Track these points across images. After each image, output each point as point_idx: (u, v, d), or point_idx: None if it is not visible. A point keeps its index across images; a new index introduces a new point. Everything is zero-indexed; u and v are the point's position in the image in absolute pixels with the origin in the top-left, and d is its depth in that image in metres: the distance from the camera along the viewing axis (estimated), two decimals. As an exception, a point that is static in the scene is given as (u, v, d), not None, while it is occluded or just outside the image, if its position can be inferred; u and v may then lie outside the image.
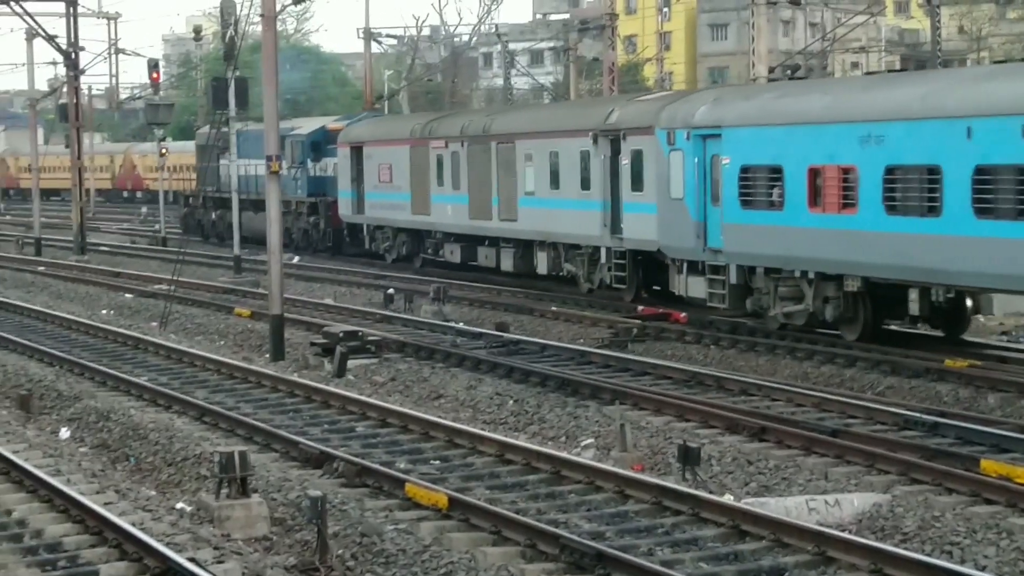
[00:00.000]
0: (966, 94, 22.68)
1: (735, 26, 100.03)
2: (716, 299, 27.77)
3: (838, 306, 25.25)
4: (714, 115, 27.46)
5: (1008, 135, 20.97)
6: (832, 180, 24.35)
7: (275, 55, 27.30)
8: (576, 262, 34.43)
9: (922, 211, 22.66)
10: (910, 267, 23.11)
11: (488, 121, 38.55)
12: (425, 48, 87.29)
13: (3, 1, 53.95)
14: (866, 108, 24.08)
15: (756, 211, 26.22)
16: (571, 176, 33.82)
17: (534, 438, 19.46)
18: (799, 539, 13.52)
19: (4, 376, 25.44)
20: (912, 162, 22.84)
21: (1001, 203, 21.26)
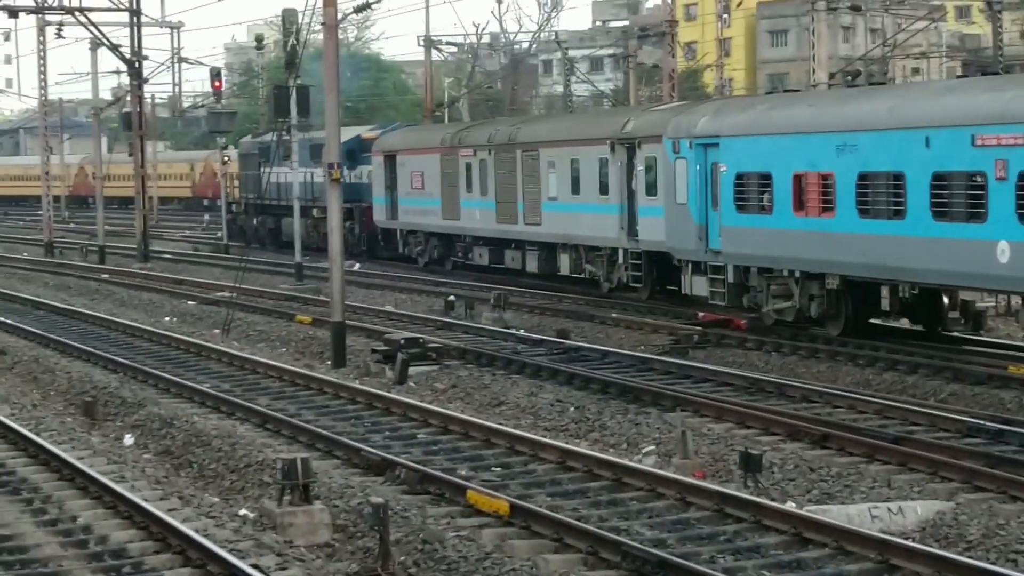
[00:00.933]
0: (926, 106, 24.56)
1: (795, 32, 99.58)
2: (717, 297, 29.49)
3: (822, 303, 26.90)
4: (713, 126, 29.22)
5: (960, 144, 22.77)
6: (813, 186, 26.22)
7: (336, 63, 27.43)
8: (596, 263, 36.25)
9: (889, 214, 24.46)
10: (880, 266, 24.91)
11: (514, 130, 40.28)
12: (485, 55, 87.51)
13: (69, 11, 54.44)
14: (842, 119, 26.01)
15: (749, 215, 28.01)
16: (591, 182, 35.72)
17: (595, 445, 19.45)
18: (862, 547, 13.45)
19: (69, 383, 25.67)
20: (880, 169, 24.68)
21: (955, 207, 23.12)
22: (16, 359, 28.83)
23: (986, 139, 22.41)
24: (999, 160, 22.13)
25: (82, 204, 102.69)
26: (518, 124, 42.15)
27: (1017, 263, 21.83)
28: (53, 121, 77.96)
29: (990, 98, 23.12)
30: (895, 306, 26.22)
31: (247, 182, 59.96)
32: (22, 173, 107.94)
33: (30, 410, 23.45)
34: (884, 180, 24.62)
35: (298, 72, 43.12)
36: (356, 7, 52.69)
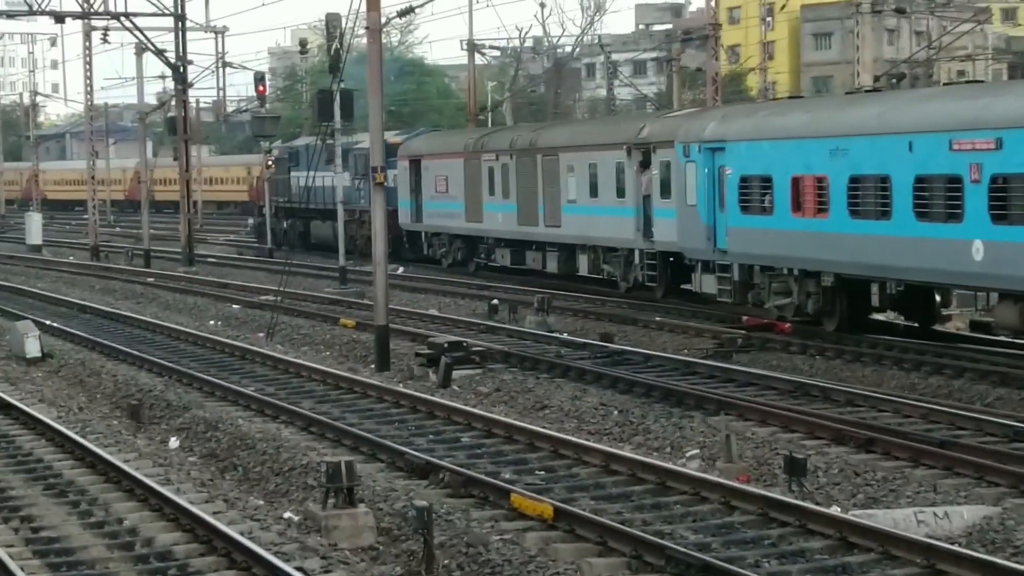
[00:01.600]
0: (909, 113, 25.91)
1: (839, 35, 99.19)
2: (724, 294, 30.69)
3: (818, 300, 28.12)
4: (720, 130, 30.48)
5: (940, 148, 24.09)
6: (809, 188, 27.50)
7: (380, 67, 27.48)
8: (613, 263, 37.51)
9: (877, 215, 25.72)
10: (869, 264, 26.21)
11: (534, 136, 41.74)
12: (528, 59, 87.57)
13: (114, 16, 54.78)
14: (835, 124, 27.39)
15: (752, 216, 29.25)
16: (608, 185, 37.10)
17: (639, 449, 19.43)
18: (908, 552, 13.39)
19: (115, 386, 25.82)
20: (869, 172, 25.99)
21: (935, 208, 24.40)
22: (63, 362, 29.02)
23: (962, 144, 23.62)
24: (973, 164, 23.36)
25: (137, 208, 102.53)
26: (538, 129, 43.51)
27: (990, 261, 23.13)
28: (99, 126, 78.32)
29: (966, 105, 24.54)
30: (885, 303, 27.40)
31: (277, 186, 61.46)
32: (78, 177, 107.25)
33: (77, 413, 23.61)
34: (872, 183, 25.88)
35: (341, 76, 43.23)
36: (400, 11, 52.94)
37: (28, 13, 54.20)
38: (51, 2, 53.25)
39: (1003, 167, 22.91)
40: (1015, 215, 22.68)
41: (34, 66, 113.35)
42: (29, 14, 54.49)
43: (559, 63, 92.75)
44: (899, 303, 27.70)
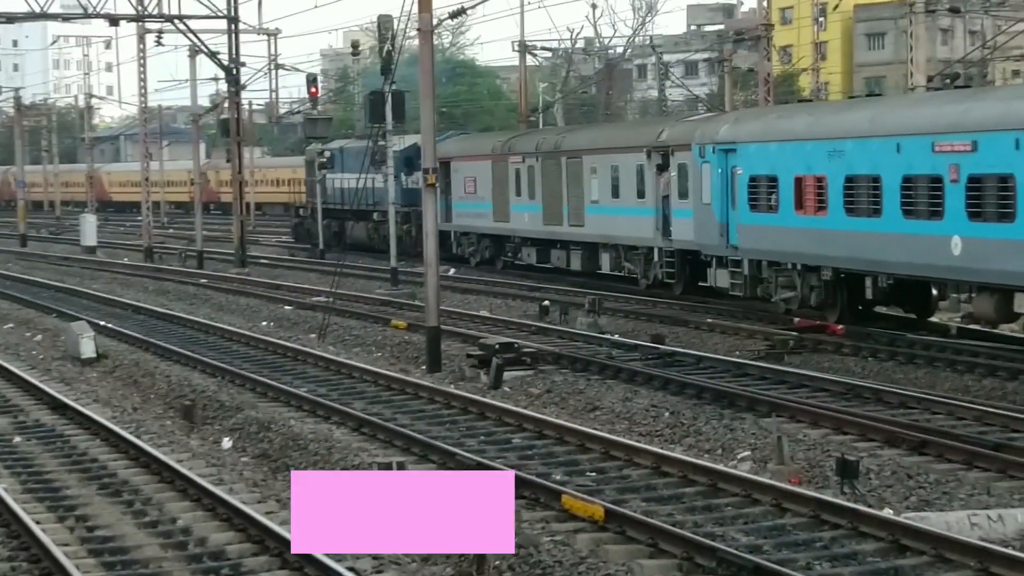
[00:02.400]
0: (898, 117, 27.87)
1: (892, 35, 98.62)
2: (736, 288, 32.46)
3: (820, 293, 29.83)
4: (732, 133, 32.37)
5: (923, 150, 25.91)
6: (810, 187, 29.32)
7: (431, 69, 27.53)
8: (634, 261, 39.23)
9: (869, 212, 27.47)
10: (862, 259, 28.01)
11: (559, 139, 43.61)
12: (579, 60, 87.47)
13: (168, 19, 55.11)
14: (833, 127, 29.25)
15: (760, 214, 31.10)
16: (629, 187, 38.83)
17: (690, 450, 19.40)
18: (961, 555, 13.31)
19: (168, 387, 25.98)
20: (862, 172, 27.78)
21: (919, 205, 26.15)
22: (117, 363, 29.23)
23: (943, 146, 25.49)
24: (952, 164, 25.20)
25: (205, 210, 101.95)
26: (563, 133, 45.74)
27: (967, 256, 24.92)
28: (153, 128, 78.75)
29: (947, 110, 26.41)
30: (878, 296, 28.82)
31: (312, 188, 63.18)
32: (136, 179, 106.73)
33: (131, 413, 23.79)
34: (865, 182, 27.68)
35: (393, 78, 43.34)
36: (451, 13, 52.91)
37: (83, 16, 54.59)
38: (106, 5, 53.67)
39: (978, 168, 24.62)
40: (988, 213, 24.41)
41: (89, 69, 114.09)
42: (84, 17, 54.89)
43: (610, 64, 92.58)
44: (895, 296, 28.99)
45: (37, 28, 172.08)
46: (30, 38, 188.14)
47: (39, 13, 52.88)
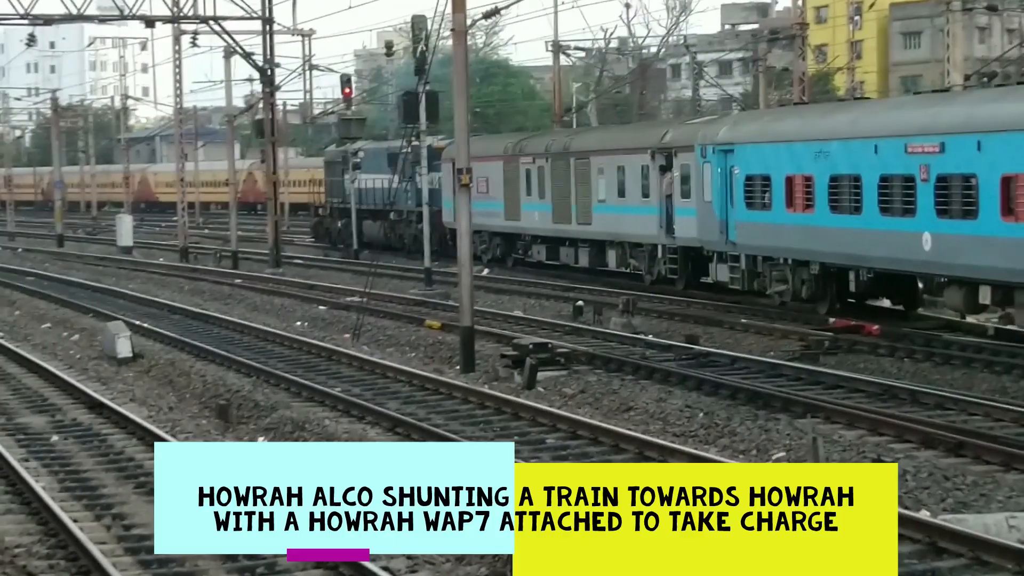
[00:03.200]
0: (876, 120, 29.75)
1: (928, 33, 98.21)
2: (735, 282, 34.32)
3: (810, 286, 31.55)
4: (730, 134, 34.29)
5: (898, 151, 27.64)
6: (799, 186, 31.05)
7: (465, 69, 27.55)
8: (639, 258, 40.72)
9: (851, 210, 29.13)
10: (845, 254, 29.79)
11: (568, 140, 45.04)
12: (613, 60, 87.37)
13: (203, 20, 55.31)
14: (819, 129, 31.11)
15: (755, 211, 32.90)
16: (634, 186, 40.25)
17: (724, 451, 19.36)
18: (999, 557, 13.25)
19: (204, 386, 26.06)
20: (845, 172, 29.49)
21: (894, 203, 27.89)
22: (153, 362, 29.34)
23: (914, 147, 27.20)
24: (923, 165, 26.89)
25: (250, 211, 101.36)
26: (572, 135, 47.25)
27: (936, 250, 26.61)
28: (188, 129, 79.09)
29: (919, 114, 28.43)
30: (861, 288, 30.60)
31: (331, 188, 65.67)
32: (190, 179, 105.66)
33: (166, 412, 23.88)
34: (847, 181, 29.39)
35: (427, 78, 43.37)
36: (485, 13, 52.93)
37: (119, 18, 54.88)
38: (142, 7, 53.92)
39: (945, 168, 26.36)
40: (954, 210, 26.16)
41: (125, 70, 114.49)
42: (120, 19, 55.18)
43: (644, 64, 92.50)
44: (879, 289, 30.92)
45: (74, 30, 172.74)
46: (67, 40, 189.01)
47: (76, 15, 53.16)
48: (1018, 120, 24.80)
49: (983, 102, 27.34)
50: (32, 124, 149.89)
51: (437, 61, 48.68)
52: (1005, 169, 24.86)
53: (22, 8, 52.11)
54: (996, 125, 25.31)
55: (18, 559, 14.71)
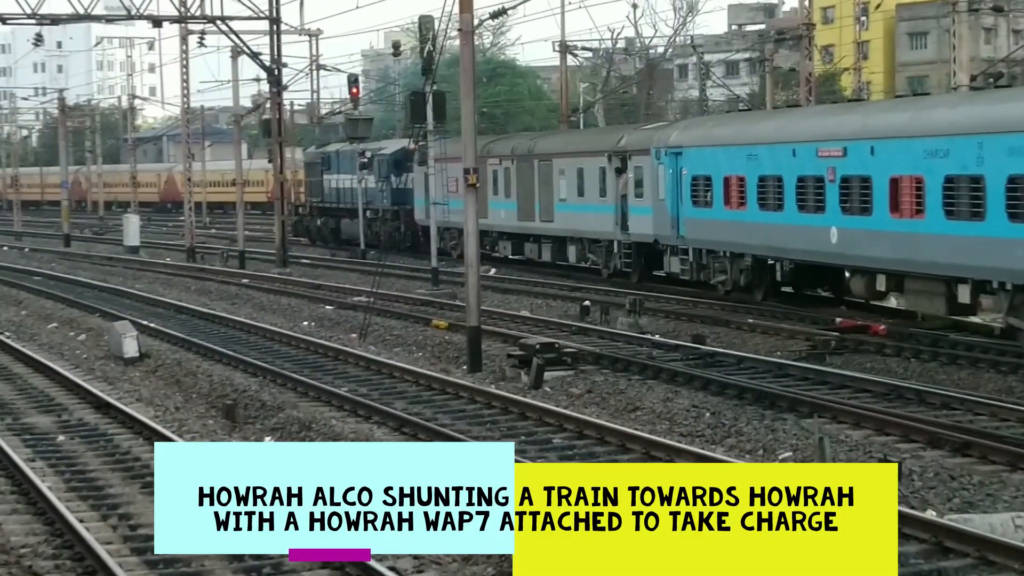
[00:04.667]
0: (795, 126, 33.62)
1: (935, 34, 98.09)
2: (686, 273, 37.70)
3: (746, 276, 34.69)
4: (680, 138, 37.83)
5: (811, 155, 31.12)
6: (734, 186, 34.26)
7: (473, 69, 27.53)
8: (597, 253, 43.84)
9: (775, 207, 32.52)
10: (771, 247, 33.07)
11: (532, 144, 48.11)
12: (620, 60, 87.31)
13: (211, 20, 55.36)
14: (751, 135, 34.51)
15: (700, 208, 36.21)
16: (592, 187, 43.41)
17: (731, 451, 19.35)
18: (1006, 557, 13.23)
19: (210, 386, 26.07)
20: (770, 173, 32.63)
21: (808, 202, 31.26)
22: (159, 362, 29.36)
23: (824, 152, 30.60)
24: (830, 167, 30.25)
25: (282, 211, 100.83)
26: (535, 138, 50.56)
27: (842, 243, 29.99)
28: (195, 128, 79.10)
29: (828, 121, 32.35)
30: (785, 278, 33.92)
31: (311, 188, 69.79)
32: (218, 179, 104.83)
33: (173, 412, 23.88)
34: (772, 181, 32.64)
35: (434, 78, 43.39)
36: (492, 13, 52.98)
37: (127, 18, 54.87)
38: (149, 6, 54.02)
39: (847, 170, 29.76)
40: (855, 207, 29.48)
41: (132, 70, 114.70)
42: (127, 19, 55.17)
43: (651, 64, 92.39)
44: (805, 279, 33.91)
45: (81, 30, 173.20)
46: (74, 40, 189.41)
47: (83, 15, 53.23)
48: (900, 129, 28.50)
49: (877, 112, 31.78)
50: (39, 124, 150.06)
51: (444, 61, 48.83)
52: (892, 171, 28.28)
53: (29, 8, 52.19)
54: (885, 133, 28.96)
55: (24, 559, 14.72)
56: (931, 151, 27.14)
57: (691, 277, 37.40)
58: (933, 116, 28.32)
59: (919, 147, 27.53)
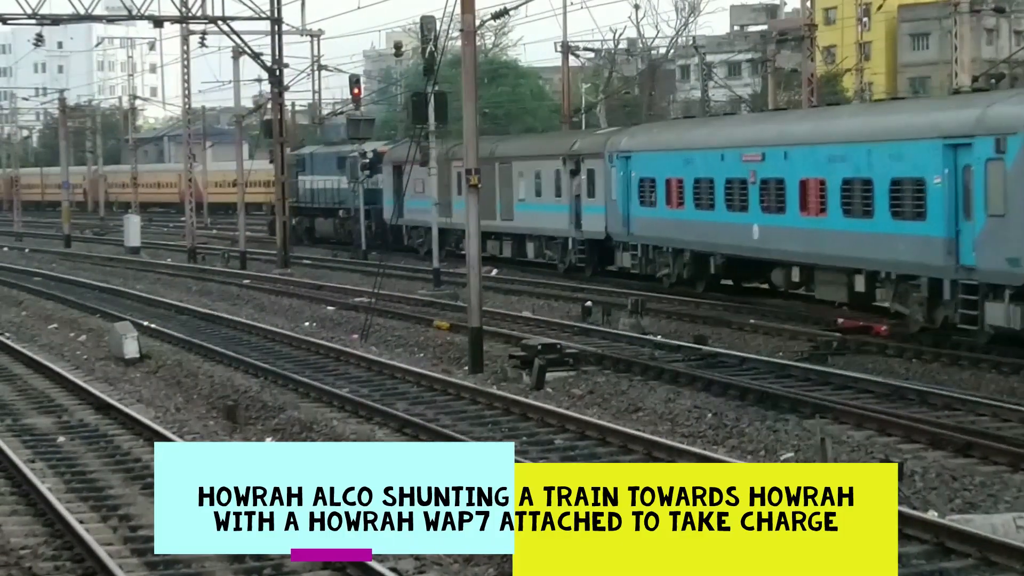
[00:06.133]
0: (722, 133, 36.75)
1: (937, 35, 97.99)
2: (635, 267, 41.14)
3: (689, 269, 37.89)
4: (629, 143, 41.39)
5: (736, 159, 34.35)
6: (674, 187, 37.74)
7: (474, 70, 27.52)
8: (553, 249, 47.30)
9: (707, 207, 35.80)
10: (705, 243, 36.41)
11: (493, 147, 50.14)
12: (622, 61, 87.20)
13: (212, 20, 55.34)
14: (687, 141, 38.25)
15: (647, 208, 39.69)
16: (549, 188, 46.85)
17: (733, 452, 19.33)
18: (1007, 558, 13.21)
19: (211, 387, 26.05)
20: (703, 176, 36.16)
21: (735, 201, 34.49)
22: (160, 363, 29.34)
23: (746, 156, 33.87)
24: (752, 170, 33.54)
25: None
26: (496, 142, 53.20)
27: (762, 239, 33.15)
28: (196, 129, 79.09)
29: (750, 129, 36.17)
30: (718, 271, 36.94)
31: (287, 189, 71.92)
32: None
33: (174, 413, 23.86)
34: (705, 183, 35.98)
35: (436, 79, 43.36)
36: (494, 14, 52.96)
37: (128, 18, 54.87)
38: (150, 7, 53.94)
39: (765, 173, 32.97)
40: (772, 206, 32.68)
41: (133, 70, 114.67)
42: (129, 19, 55.17)
43: (653, 65, 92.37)
44: (737, 272, 36.92)
45: (82, 30, 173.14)
46: (75, 40, 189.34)
47: (84, 15, 53.20)
48: (808, 136, 31.87)
49: (790, 121, 35.31)
50: (40, 124, 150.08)
51: (446, 62, 48.91)
52: (802, 175, 31.55)
53: (30, 8, 52.16)
54: (796, 140, 32.25)
55: (24, 560, 14.70)
56: (832, 156, 30.36)
57: (640, 271, 40.74)
58: (834, 126, 31.95)
59: (823, 153, 30.80)
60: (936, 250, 26.63)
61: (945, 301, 26.75)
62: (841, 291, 30.80)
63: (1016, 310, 24.54)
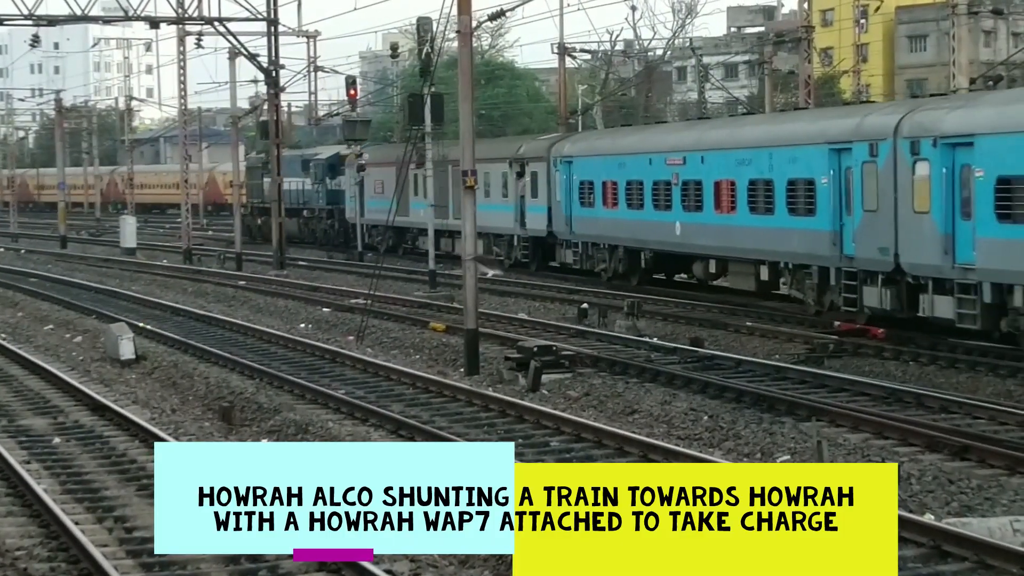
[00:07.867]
0: (651, 139, 40.98)
1: (934, 37, 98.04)
2: (576, 263, 44.87)
3: (623, 264, 41.44)
4: (571, 149, 45.19)
5: (662, 163, 38.10)
6: (610, 189, 41.41)
7: (471, 71, 27.51)
8: (500, 246, 50.68)
9: (638, 207, 39.50)
10: (636, 239, 40.09)
11: (447, 151, 51.97)
12: (619, 63, 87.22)
13: (208, 22, 55.30)
14: (621, 146, 41.79)
15: (586, 208, 43.26)
16: (497, 188, 50.27)
17: (729, 454, 19.31)
18: (1004, 561, 13.20)
19: (207, 388, 26.02)
20: (635, 178, 39.65)
21: (661, 201, 38.27)
22: (156, 364, 29.31)
23: (670, 160, 37.53)
24: (675, 173, 37.27)
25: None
26: (449, 147, 54.12)
27: (683, 235, 36.78)
28: (192, 130, 79.03)
29: (674, 135, 40.40)
30: (649, 265, 40.69)
31: (252, 190, 76.41)
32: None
33: (169, 415, 23.83)
34: (635, 185, 39.59)
35: (432, 80, 43.34)
36: (491, 15, 52.97)
37: (124, 19, 54.87)
38: (146, 8, 53.91)
39: (687, 175, 36.71)
40: (692, 205, 36.32)
41: (129, 71, 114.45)
42: (125, 19, 55.17)
43: (650, 66, 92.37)
44: (668, 266, 40.96)
45: (78, 31, 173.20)
46: (71, 41, 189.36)
47: (80, 16, 53.15)
48: (722, 142, 35.54)
49: (707, 129, 39.28)
50: (36, 125, 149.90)
51: (442, 63, 48.96)
52: (716, 176, 35.11)
53: (26, 8, 52.12)
54: (711, 145, 36.02)
55: (19, 562, 14.67)
56: (741, 160, 34.11)
57: (580, 266, 44.65)
58: (743, 132, 35.69)
59: (733, 157, 34.55)
60: (824, 242, 30.41)
61: (832, 287, 30.51)
62: (750, 280, 34.95)
63: (887, 292, 28.06)
